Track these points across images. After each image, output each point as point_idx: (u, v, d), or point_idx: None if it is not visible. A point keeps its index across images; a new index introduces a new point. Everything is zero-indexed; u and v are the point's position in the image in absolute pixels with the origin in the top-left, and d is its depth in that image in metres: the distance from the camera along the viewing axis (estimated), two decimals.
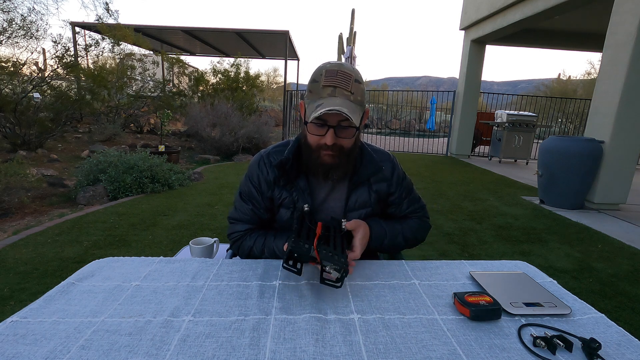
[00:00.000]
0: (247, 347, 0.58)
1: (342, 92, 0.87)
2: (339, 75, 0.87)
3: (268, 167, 1.00)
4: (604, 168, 3.91)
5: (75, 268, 2.07)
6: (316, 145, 0.92)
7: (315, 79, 0.89)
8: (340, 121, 0.87)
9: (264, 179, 1.00)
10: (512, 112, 7.59)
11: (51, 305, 0.69)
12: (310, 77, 0.92)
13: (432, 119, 11.13)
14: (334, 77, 0.87)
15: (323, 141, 0.89)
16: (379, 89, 14.54)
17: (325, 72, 0.88)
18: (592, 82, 15.24)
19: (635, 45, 3.63)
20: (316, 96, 0.88)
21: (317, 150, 0.92)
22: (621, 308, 2.04)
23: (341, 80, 0.87)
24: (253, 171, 1.02)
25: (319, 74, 0.89)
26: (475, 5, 7.26)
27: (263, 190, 1.01)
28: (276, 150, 1.02)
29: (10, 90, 6.45)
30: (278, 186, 1.00)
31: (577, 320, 0.68)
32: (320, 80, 0.88)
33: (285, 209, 1.00)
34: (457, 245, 2.90)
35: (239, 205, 1.03)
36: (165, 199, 3.88)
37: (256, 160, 1.03)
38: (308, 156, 0.95)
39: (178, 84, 10.92)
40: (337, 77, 0.87)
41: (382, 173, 1.04)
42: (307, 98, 0.91)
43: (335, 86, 0.86)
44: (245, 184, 1.03)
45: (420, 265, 0.91)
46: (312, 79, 0.91)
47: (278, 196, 1.00)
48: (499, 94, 9.03)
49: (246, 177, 1.04)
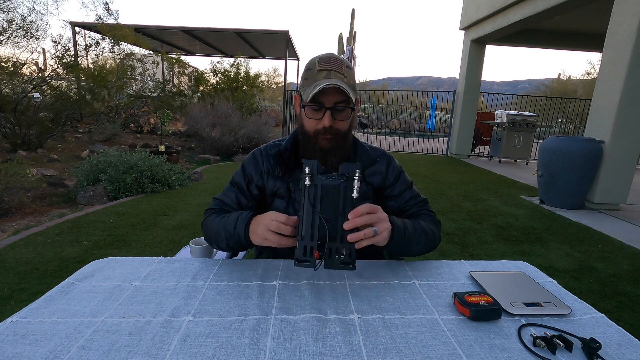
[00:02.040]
0: (247, 347, 0.58)
1: (336, 74, 0.91)
2: (332, 60, 0.92)
3: (264, 157, 1.04)
4: (604, 168, 3.91)
5: (75, 268, 2.07)
6: (314, 131, 0.94)
7: (310, 67, 0.94)
8: (337, 103, 0.91)
9: (257, 169, 1.03)
10: (512, 112, 7.59)
11: (51, 305, 0.69)
12: (304, 68, 0.96)
13: (432, 119, 11.13)
14: (327, 61, 0.92)
15: (320, 124, 0.92)
16: (379, 89, 14.54)
17: (318, 59, 0.93)
18: (592, 82, 15.24)
19: (635, 45, 3.63)
20: (311, 81, 0.91)
21: (315, 135, 0.94)
22: (621, 308, 2.04)
23: (334, 64, 0.92)
24: (248, 161, 1.06)
25: (312, 63, 0.94)
26: (475, 5, 7.26)
27: (254, 180, 1.03)
28: (273, 144, 1.06)
29: (10, 90, 6.45)
30: (272, 176, 1.02)
31: (577, 320, 0.68)
32: (314, 67, 0.92)
33: (279, 199, 1.02)
34: (457, 245, 2.90)
35: (227, 189, 1.07)
36: (165, 199, 3.88)
37: (252, 152, 1.07)
38: (306, 143, 0.97)
39: (178, 84, 10.92)
40: (330, 62, 0.92)
41: (376, 166, 1.06)
42: (302, 86, 0.94)
43: (329, 69, 0.91)
44: (237, 173, 1.07)
45: (420, 265, 0.91)
46: (306, 68, 0.95)
47: (272, 186, 1.02)
48: (499, 94, 9.03)
49: (240, 167, 1.07)
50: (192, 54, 16.32)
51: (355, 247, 0.74)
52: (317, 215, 0.73)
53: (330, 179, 0.73)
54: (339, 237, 0.74)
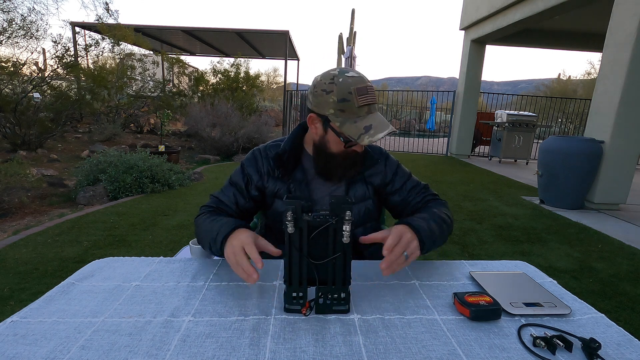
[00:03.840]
0: (247, 347, 0.58)
1: (375, 107, 0.92)
2: (369, 92, 0.89)
3: (263, 158, 1.03)
4: (604, 168, 3.91)
5: (75, 268, 2.07)
6: (342, 152, 0.95)
7: (345, 97, 0.88)
8: None
9: (257, 169, 1.02)
10: (512, 112, 7.59)
11: (51, 305, 0.69)
12: (334, 95, 0.88)
13: (432, 119, 11.14)
14: (365, 94, 0.89)
15: (352, 150, 0.95)
16: (379, 89, 14.54)
17: (355, 91, 0.88)
18: (592, 82, 15.24)
19: (635, 45, 3.63)
20: (353, 115, 0.89)
21: (343, 155, 0.96)
22: (621, 308, 2.04)
23: (372, 96, 0.90)
24: (248, 161, 1.04)
25: (346, 92, 0.87)
26: (475, 5, 7.26)
27: (254, 180, 1.02)
28: (272, 145, 1.06)
29: (10, 90, 6.45)
30: (272, 177, 1.02)
31: (577, 320, 0.68)
32: (352, 100, 0.88)
33: (280, 199, 1.02)
34: (457, 245, 2.90)
35: (225, 187, 1.05)
36: (165, 199, 3.88)
37: (251, 151, 1.06)
38: (329, 160, 0.97)
39: (178, 84, 10.92)
40: (368, 94, 0.89)
41: (376, 166, 1.07)
42: (339, 116, 0.89)
43: (369, 104, 0.90)
44: (236, 172, 1.05)
45: (420, 265, 0.91)
46: (339, 97, 0.88)
47: (272, 187, 1.02)
48: (499, 94, 9.03)
49: (240, 166, 1.06)
50: (192, 54, 16.32)
51: (349, 291, 0.69)
52: (305, 261, 0.67)
53: (318, 219, 0.66)
54: (331, 280, 0.68)
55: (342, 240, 0.66)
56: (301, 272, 0.68)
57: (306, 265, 0.68)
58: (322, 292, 0.68)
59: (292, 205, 0.64)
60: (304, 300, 0.68)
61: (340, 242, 0.66)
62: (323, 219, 0.66)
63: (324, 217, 0.66)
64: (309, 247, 0.67)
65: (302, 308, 0.68)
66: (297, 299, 0.68)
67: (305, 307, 0.67)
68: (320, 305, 0.68)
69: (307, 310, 0.67)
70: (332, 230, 0.66)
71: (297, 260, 0.67)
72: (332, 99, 0.89)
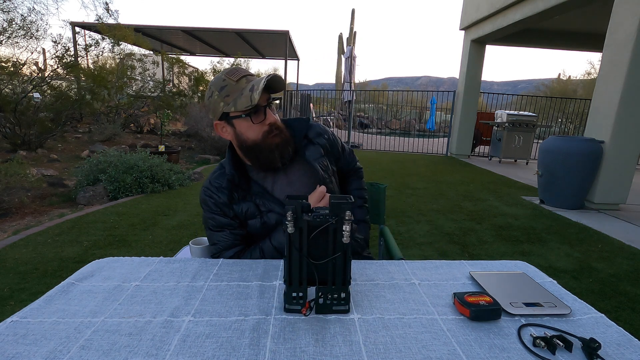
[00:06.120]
0: (247, 347, 0.58)
1: (253, 77, 0.96)
2: (239, 70, 0.96)
3: (217, 192, 1.00)
4: (604, 168, 3.91)
5: (75, 268, 2.06)
6: (262, 135, 0.95)
7: (223, 85, 0.94)
8: (268, 99, 0.95)
9: (219, 204, 1.00)
10: (512, 112, 7.58)
11: (51, 305, 0.69)
12: (215, 91, 0.94)
13: (432, 119, 11.14)
14: (236, 71, 0.95)
15: (266, 125, 0.95)
16: (379, 89, 14.55)
17: (226, 74, 0.94)
18: (592, 82, 15.24)
19: (635, 45, 3.63)
20: (237, 92, 0.93)
21: (264, 138, 0.95)
22: (621, 308, 2.04)
23: (244, 70, 0.96)
24: (207, 203, 1.02)
25: (222, 80, 0.94)
26: (475, 5, 7.26)
27: (226, 212, 1.01)
28: (216, 176, 1.03)
29: (10, 90, 6.45)
30: (235, 203, 1.01)
31: (577, 320, 0.68)
32: (228, 81, 0.93)
33: (252, 219, 1.01)
34: (457, 245, 2.90)
35: (214, 238, 1.02)
36: (165, 199, 3.88)
37: (203, 193, 1.03)
38: (258, 152, 0.97)
39: (178, 84, 10.92)
40: (239, 70, 0.95)
41: (313, 129, 1.11)
42: (227, 103, 0.93)
43: (243, 75, 0.94)
44: (208, 218, 1.02)
45: (420, 265, 0.91)
46: (219, 88, 0.94)
47: (240, 211, 1.01)
48: (499, 94, 9.03)
49: (205, 212, 1.03)
50: (192, 54, 16.33)
51: (349, 291, 0.69)
52: (305, 261, 0.67)
53: (318, 218, 0.66)
54: (331, 280, 0.68)
55: (342, 240, 0.66)
56: (301, 272, 0.68)
57: (306, 265, 0.68)
58: (322, 292, 0.68)
59: (293, 205, 0.64)
60: (304, 300, 0.69)
61: (340, 242, 0.66)
62: (323, 219, 0.66)
63: (324, 217, 0.66)
64: (309, 247, 0.67)
65: (302, 308, 0.68)
66: (297, 299, 0.68)
67: (305, 307, 0.67)
68: (320, 305, 0.69)
69: (307, 310, 0.67)
70: (332, 230, 0.66)
71: (297, 260, 0.67)
72: (216, 95, 0.95)
